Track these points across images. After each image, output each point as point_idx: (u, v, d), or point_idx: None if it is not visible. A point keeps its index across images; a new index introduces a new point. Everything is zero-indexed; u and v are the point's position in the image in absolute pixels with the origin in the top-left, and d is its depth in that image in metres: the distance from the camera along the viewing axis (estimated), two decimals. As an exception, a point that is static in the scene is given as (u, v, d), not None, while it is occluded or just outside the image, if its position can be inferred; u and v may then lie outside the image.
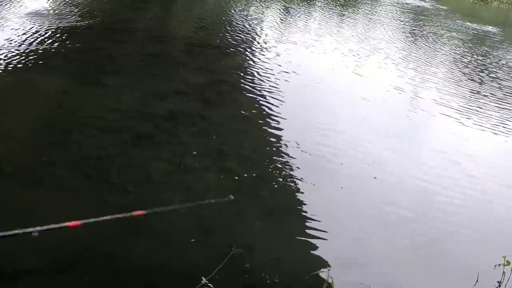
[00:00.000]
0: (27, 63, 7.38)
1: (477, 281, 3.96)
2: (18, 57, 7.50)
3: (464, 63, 11.82)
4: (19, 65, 7.25)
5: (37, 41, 8.33)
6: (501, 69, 11.69)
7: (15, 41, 8.20)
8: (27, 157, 4.86)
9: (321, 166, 5.64)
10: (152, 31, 10.48)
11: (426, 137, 7.17)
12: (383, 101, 8.23)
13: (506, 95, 9.61)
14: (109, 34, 9.73)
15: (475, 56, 12.58)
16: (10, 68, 7.11)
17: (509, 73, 11.37)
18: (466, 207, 5.31)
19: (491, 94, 9.51)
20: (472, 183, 5.87)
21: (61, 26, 9.46)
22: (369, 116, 7.43)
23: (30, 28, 9.02)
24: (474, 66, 11.56)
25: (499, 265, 3.81)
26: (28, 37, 8.51)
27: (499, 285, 3.92)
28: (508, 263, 3.77)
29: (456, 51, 12.92)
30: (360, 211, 4.91)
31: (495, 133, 7.45)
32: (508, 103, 9.09)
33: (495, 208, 5.41)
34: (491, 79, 10.56)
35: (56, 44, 8.40)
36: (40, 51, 7.88)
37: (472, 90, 9.60)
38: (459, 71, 10.99)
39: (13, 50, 7.78)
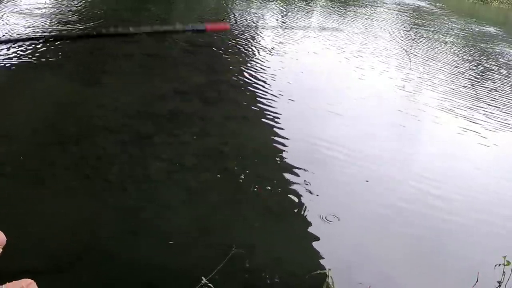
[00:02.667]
0: (27, 63, 7.38)
1: (477, 281, 3.96)
2: (18, 57, 7.50)
3: (464, 64, 11.82)
4: (19, 65, 7.25)
5: (37, 41, 8.32)
6: (501, 71, 11.68)
7: (15, 41, 8.19)
8: (27, 157, 4.86)
9: (321, 166, 5.64)
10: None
11: (424, 138, 7.17)
12: (382, 103, 8.23)
13: (506, 96, 9.61)
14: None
15: (475, 57, 12.58)
16: (10, 68, 7.11)
17: (509, 74, 11.36)
18: (465, 208, 5.31)
19: (490, 95, 9.51)
20: (471, 183, 5.87)
21: (61, 27, 9.46)
22: (368, 117, 7.44)
23: (30, 28, 9.01)
24: (473, 67, 11.55)
25: (499, 265, 3.81)
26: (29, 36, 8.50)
27: (499, 285, 3.92)
28: (508, 263, 3.77)
29: (455, 52, 12.91)
30: (360, 211, 4.91)
31: (495, 135, 7.44)
32: (507, 105, 9.09)
33: (494, 208, 5.41)
34: (490, 81, 10.56)
35: (56, 44, 8.39)
36: (40, 51, 7.87)
37: (471, 91, 9.60)
38: (459, 72, 10.98)
39: (13, 50, 7.77)
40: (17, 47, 7.86)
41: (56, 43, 8.38)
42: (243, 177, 5.11)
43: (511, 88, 10.16)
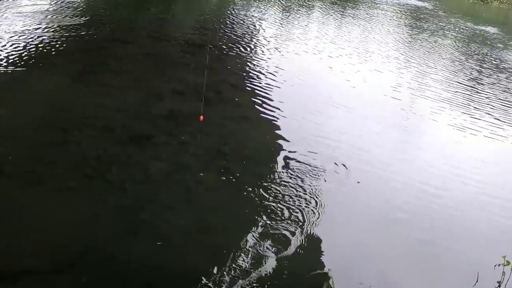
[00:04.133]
0: (27, 63, 7.37)
1: (477, 281, 3.96)
2: (18, 57, 7.50)
3: (464, 64, 11.82)
4: (19, 65, 7.24)
5: (37, 41, 8.32)
6: (501, 71, 11.68)
7: (16, 41, 8.19)
8: (27, 157, 4.86)
9: (321, 166, 5.64)
10: (153, 31, 10.47)
11: (423, 139, 7.17)
12: (381, 103, 8.23)
13: (506, 97, 9.61)
14: (109, 34, 9.73)
15: (475, 57, 12.58)
16: (10, 68, 7.11)
17: (509, 76, 11.35)
18: (465, 208, 5.31)
19: (491, 96, 9.51)
20: (471, 184, 5.87)
21: (61, 26, 9.46)
22: (367, 117, 7.44)
23: (30, 28, 9.01)
24: (474, 68, 11.55)
25: (499, 265, 3.81)
26: (28, 37, 8.50)
27: (499, 285, 3.92)
28: (508, 263, 3.78)
29: (455, 52, 12.91)
30: (360, 212, 4.91)
31: (495, 136, 7.44)
32: (507, 105, 9.09)
33: (494, 208, 5.41)
34: (491, 81, 10.56)
35: (56, 44, 8.40)
36: (40, 51, 7.87)
37: (471, 91, 9.60)
38: (459, 72, 10.98)
39: (13, 50, 7.77)
40: (17, 47, 7.87)
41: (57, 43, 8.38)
42: (242, 177, 5.11)
43: (505, 92, 10.15)
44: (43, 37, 8.59)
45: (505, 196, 5.76)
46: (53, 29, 9.19)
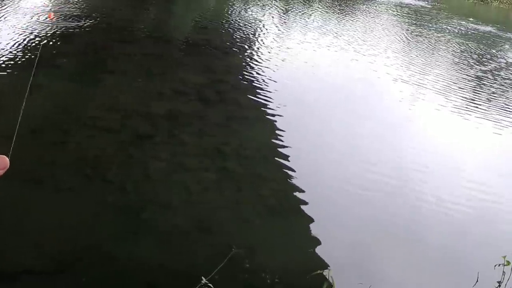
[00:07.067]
0: (27, 63, 7.37)
1: (477, 281, 3.96)
2: (18, 57, 7.50)
3: (464, 64, 11.82)
4: (18, 65, 7.25)
5: (36, 42, 8.33)
6: (501, 70, 11.68)
7: (15, 41, 8.19)
8: (27, 157, 4.86)
9: (321, 166, 5.63)
10: (152, 31, 10.47)
11: (424, 139, 7.17)
12: (381, 103, 8.24)
13: (507, 97, 9.61)
14: (109, 34, 9.73)
15: (475, 57, 12.57)
16: (9, 68, 7.11)
17: (509, 76, 11.36)
18: (465, 208, 5.31)
19: (491, 96, 9.51)
20: (471, 183, 5.86)
21: (60, 26, 9.46)
22: (370, 117, 7.44)
23: (30, 28, 9.01)
24: (473, 67, 11.54)
25: (499, 265, 3.80)
26: (28, 37, 8.50)
27: (499, 285, 3.91)
28: (508, 263, 3.77)
29: (455, 52, 12.91)
30: (360, 212, 4.90)
31: (495, 135, 7.43)
32: (508, 105, 9.09)
33: (495, 208, 5.40)
34: (490, 81, 10.55)
35: (56, 44, 8.40)
36: (39, 51, 7.87)
37: (470, 91, 9.60)
38: (459, 72, 10.98)
39: (13, 50, 7.77)
40: (17, 47, 7.87)
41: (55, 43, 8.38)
42: (243, 177, 5.10)
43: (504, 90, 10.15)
44: (42, 38, 8.59)
45: (505, 196, 5.75)
46: (52, 30, 9.18)
